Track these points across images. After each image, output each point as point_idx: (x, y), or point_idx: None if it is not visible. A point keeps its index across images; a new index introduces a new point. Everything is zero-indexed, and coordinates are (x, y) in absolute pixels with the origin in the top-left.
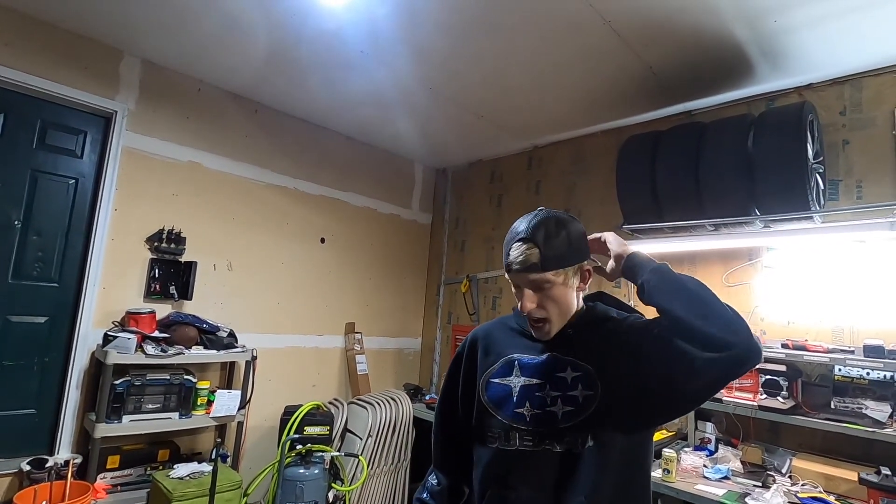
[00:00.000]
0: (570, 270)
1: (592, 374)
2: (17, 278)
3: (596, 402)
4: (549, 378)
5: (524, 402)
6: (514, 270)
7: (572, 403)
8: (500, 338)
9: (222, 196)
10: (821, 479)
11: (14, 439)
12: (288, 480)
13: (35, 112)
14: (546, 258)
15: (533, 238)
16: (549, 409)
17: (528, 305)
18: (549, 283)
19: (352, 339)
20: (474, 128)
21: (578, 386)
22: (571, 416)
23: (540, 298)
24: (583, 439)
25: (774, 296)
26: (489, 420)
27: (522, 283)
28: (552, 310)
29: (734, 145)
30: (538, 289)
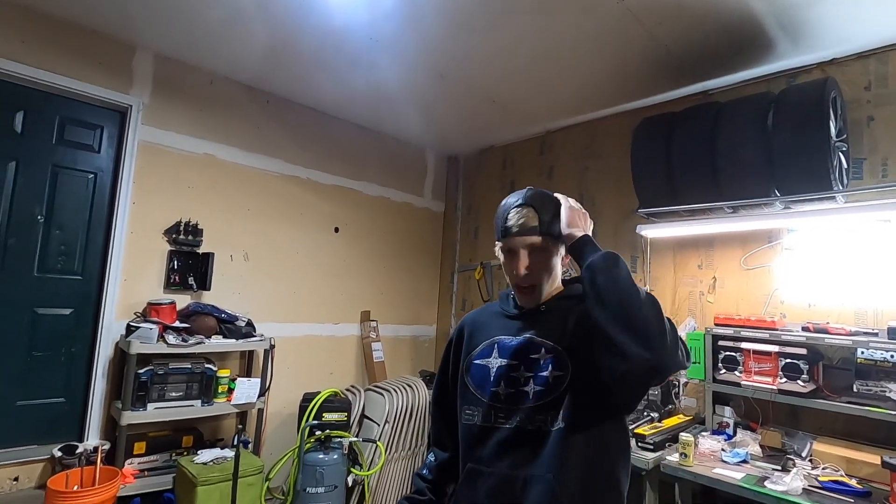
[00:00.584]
0: (560, 241)
1: (563, 357)
2: (42, 272)
3: (565, 383)
4: (523, 359)
5: (500, 382)
6: (512, 234)
7: (543, 384)
8: (485, 321)
9: (237, 187)
10: (842, 462)
11: (45, 427)
12: (308, 465)
13: (53, 108)
14: (543, 223)
15: (531, 203)
16: (521, 388)
17: (523, 269)
18: (544, 248)
19: (367, 326)
20: (485, 113)
21: (549, 367)
22: (541, 396)
23: (533, 263)
24: (552, 419)
25: (795, 278)
26: (470, 398)
27: (520, 246)
28: (543, 276)
29: (753, 124)
30: (533, 253)
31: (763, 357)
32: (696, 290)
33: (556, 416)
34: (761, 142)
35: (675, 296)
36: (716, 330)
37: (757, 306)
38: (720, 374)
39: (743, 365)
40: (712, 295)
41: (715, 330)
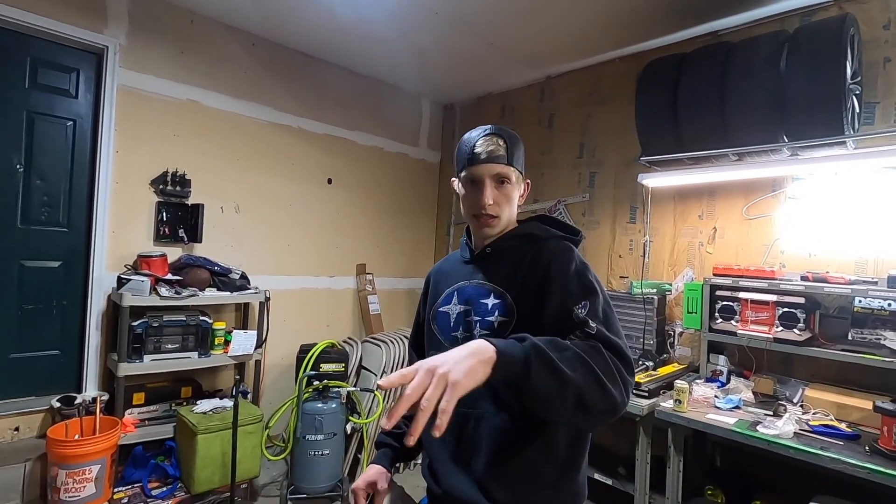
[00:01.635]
0: (521, 176)
1: (510, 303)
2: (26, 223)
3: (509, 329)
4: (475, 303)
5: (458, 327)
6: (480, 161)
7: (488, 328)
8: (448, 270)
9: (225, 136)
10: (833, 407)
11: (42, 379)
12: (307, 414)
13: (23, 49)
14: (511, 153)
15: (501, 133)
16: (472, 332)
17: (489, 199)
18: (508, 179)
19: (363, 280)
20: (484, 57)
21: (496, 312)
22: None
23: (496, 195)
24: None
25: (796, 228)
26: (437, 344)
27: (486, 174)
28: (504, 208)
29: (765, 65)
30: (498, 183)
31: (760, 306)
32: (695, 240)
33: None
34: (773, 84)
35: (675, 246)
36: (714, 280)
37: (757, 256)
38: (716, 323)
39: (740, 314)
40: (712, 245)
41: (713, 280)
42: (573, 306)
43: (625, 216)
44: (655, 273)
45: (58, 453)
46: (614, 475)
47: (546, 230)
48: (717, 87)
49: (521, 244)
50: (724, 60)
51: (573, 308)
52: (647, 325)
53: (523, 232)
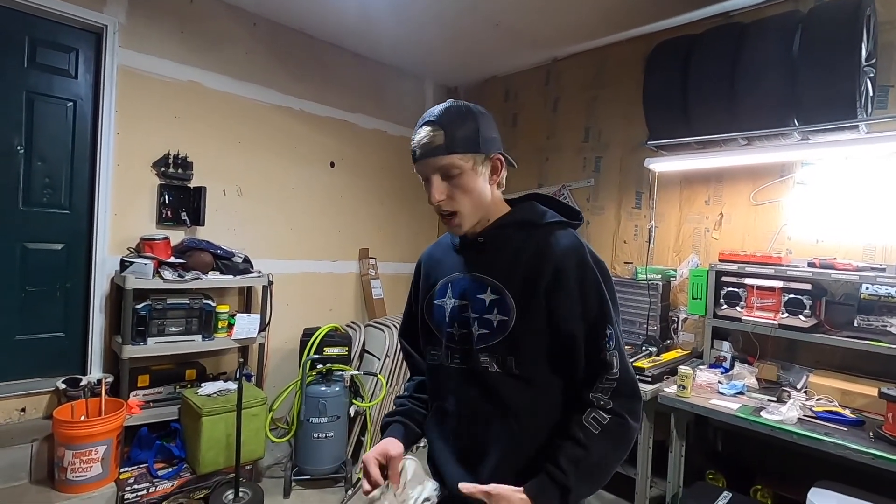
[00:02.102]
0: (479, 157)
1: (509, 301)
2: (28, 205)
3: (509, 329)
4: (471, 298)
5: (454, 323)
6: (418, 158)
7: (487, 326)
8: (439, 258)
9: (226, 118)
10: (837, 394)
11: (47, 360)
12: (311, 397)
13: (21, 28)
14: (452, 139)
15: (438, 121)
16: (469, 329)
17: (437, 195)
18: (456, 168)
19: (366, 264)
20: (488, 39)
21: (494, 310)
22: (485, 339)
23: (448, 189)
24: (496, 362)
25: (804, 214)
26: (433, 339)
27: (429, 171)
28: (462, 201)
29: (777, 47)
30: (445, 176)
31: (766, 293)
32: (701, 226)
33: (500, 361)
34: (786, 66)
35: (680, 232)
36: (720, 266)
37: (763, 242)
38: (721, 309)
39: (745, 300)
40: (718, 231)
41: (719, 266)
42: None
43: (630, 201)
44: (660, 259)
45: (64, 434)
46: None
47: (543, 214)
48: (728, 70)
49: (515, 232)
50: (735, 42)
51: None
52: (651, 310)
53: (518, 219)
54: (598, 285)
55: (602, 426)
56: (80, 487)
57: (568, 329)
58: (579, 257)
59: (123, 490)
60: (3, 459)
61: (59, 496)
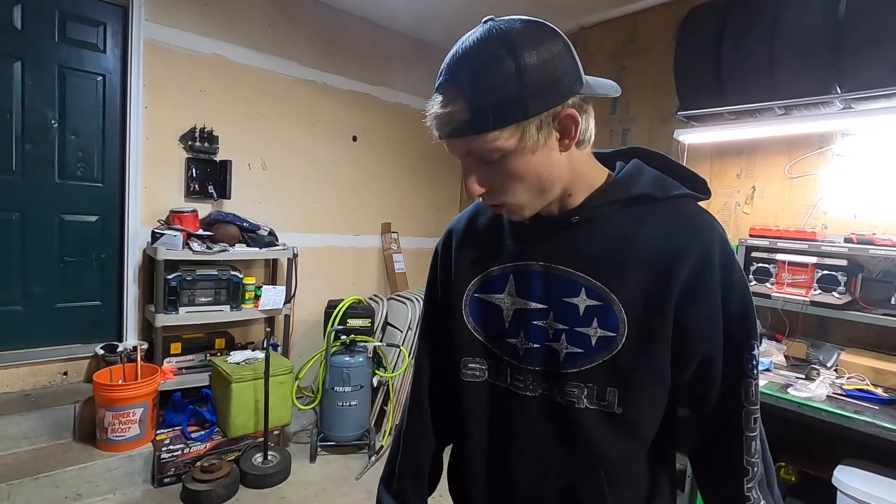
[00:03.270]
0: (531, 125)
1: (617, 310)
2: (63, 178)
3: (617, 349)
4: (554, 302)
5: (518, 332)
6: (441, 139)
7: (581, 344)
8: (483, 232)
9: (250, 91)
10: (869, 372)
11: (87, 328)
12: (335, 367)
13: (51, 2)
14: (478, 111)
15: (454, 81)
16: (549, 343)
17: (474, 188)
18: (496, 151)
19: (388, 238)
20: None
21: (594, 321)
22: (576, 360)
23: (489, 175)
24: (590, 394)
25: (842, 188)
26: (476, 348)
27: (456, 153)
28: (515, 191)
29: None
30: (482, 161)
31: (799, 269)
32: (731, 200)
33: (604, 392)
34: (830, 27)
35: (709, 207)
36: (750, 241)
37: (797, 217)
38: (750, 285)
39: (776, 277)
40: (749, 206)
41: (749, 241)
42: (741, 362)
43: None
44: None
45: (104, 396)
46: None
47: (665, 185)
48: (767, 34)
49: (625, 209)
50: (775, 4)
51: (744, 366)
52: None
53: (631, 193)
54: (744, 289)
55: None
56: (119, 446)
57: (706, 350)
58: (724, 249)
59: (160, 450)
60: (49, 419)
61: (101, 454)
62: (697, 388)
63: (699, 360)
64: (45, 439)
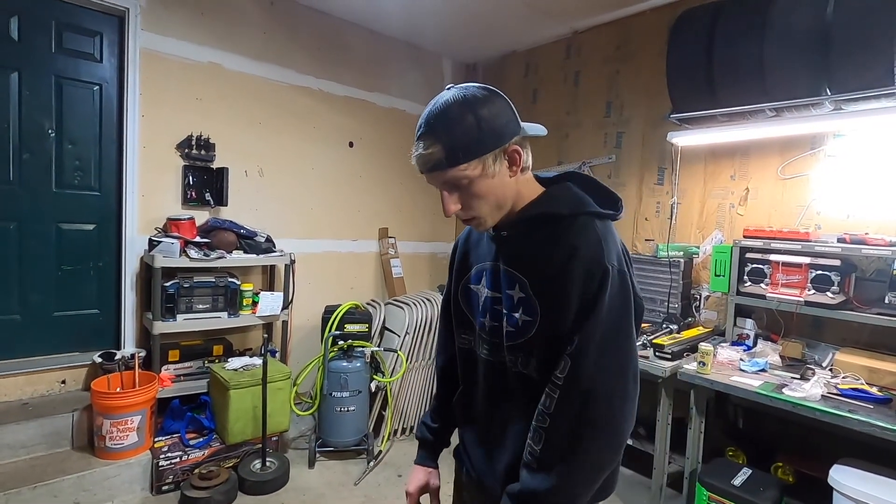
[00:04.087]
0: (489, 158)
1: (533, 301)
2: (60, 187)
3: (534, 329)
4: (503, 293)
5: (486, 313)
6: (422, 173)
7: (514, 325)
8: (475, 242)
9: (246, 99)
10: (864, 371)
11: (84, 336)
12: (333, 372)
13: (47, 13)
14: (451, 150)
15: (432, 131)
16: (500, 323)
17: (451, 208)
18: (464, 178)
19: (386, 243)
20: (507, 12)
21: (520, 309)
22: (513, 337)
23: (462, 197)
24: (522, 361)
25: (834, 188)
26: (466, 324)
27: (436, 184)
28: (480, 207)
29: (811, 10)
30: (455, 188)
31: (792, 269)
32: (725, 201)
33: (528, 361)
34: (818, 31)
35: (704, 208)
36: (744, 242)
37: (791, 218)
38: (745, 286)
39: (770, 277)
40: (743, 207)
41: (743, 242)
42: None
43: (652, 177)
44: (683, 236)
45: (102, 404)
46: (634, 435)
47: (576, 205)
48: (757, 38)
49: (540, 225)
50: (765, 8)
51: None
52: (673, 288)
53: (543, 211)
54: (601, 289)
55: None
56: (118, 454)
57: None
58: (594, 255)
59: (158, 458)
60: (47, 427)
61: (99, 462)
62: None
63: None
64: (44, 448)
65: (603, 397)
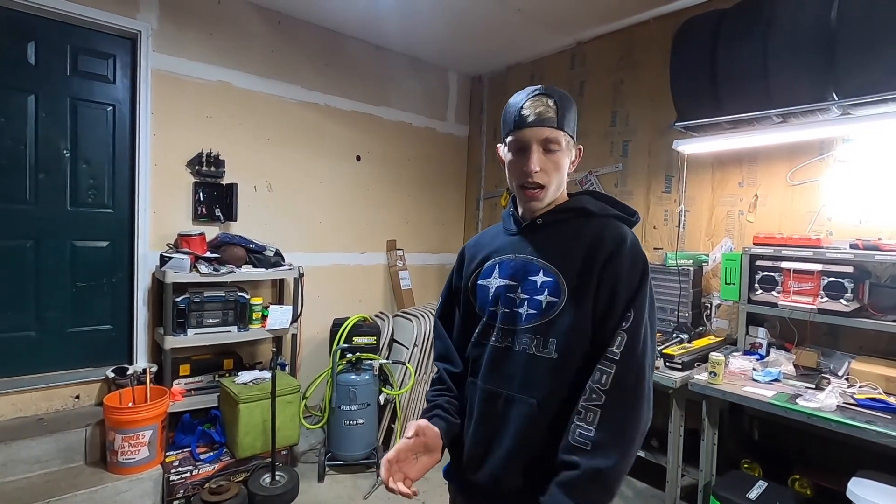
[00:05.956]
0: (572, 140)
1: (561, 283)
2: (75, 206)
3: (558, 309)
4: (521, 280)
5: (497, 302)
6: (527, 124)
7: (536, 307)
8: (486, 243)
9: (255, 116)
10: (881, 380)
11: (98, 351)
12: (341, 385)
13: (63, 38)
14: (563, 115)
15: (552, 95)
16: (515, 309)
17: (536, 166)
18: (558, 144)
19: (394, 255)
20: (511, 24)
21: (545, 291)
22: (532, 319)
23: (544, 162)
24: (540, 343)
25: (845, 194)
26: (475, 319)
27: (534, 139)
28: (553, 176)
29: (814, 14)
30: (546, 149)
31: (804, 276)
32: (734, 209)
33: (546, 342)
34: (822, 36)
35: (713, 216)
36: (755, 250)
37: (801, 224)
38: (756, 294)
39: (781, 285)
40: (752, 214)
41: (754, 250)
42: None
43: (659, 186)
44: (692, 244)
45: (114, 419)
46: (646, 447)
47: (602, 207)
48: (760, 44)
49: (574, 218)
50: (767, 14)
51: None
52: (682, 297)
53: (578, 206)
54: (644, 275)
55: (592, 443)
56: (129, 469)
57: (611, 289)
58: (634, 246)
59: (169, 472)
60: (60, 443)
61: (112, 477)
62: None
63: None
64: (58, 463)
65: (648, 371)
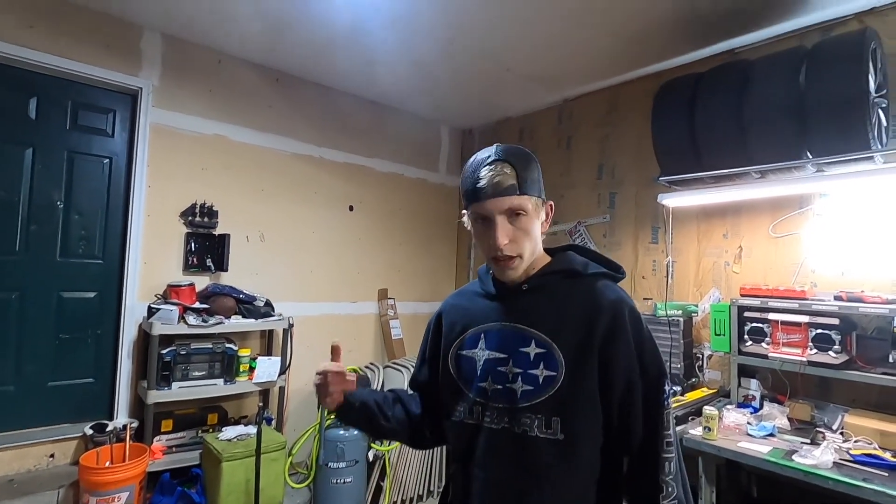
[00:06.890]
0: (539, 202)
1: (557, 355)
2: (65, 256)
3: (557, 386)
4: (512, 352)
5: (486, 377)
6: (485, 196)
7: (532, 382)
8: (466, 306)
9: (250, 168)
10: (875, 435)
11: (77, 406)
12: (329, 441)
13: (65, 94)
14: (523, 180)
15: (508, 159)
16: (509, 385)
17: (503, 239)
18: (524, 210)
19: (385, 304)
20: (500, 82)
21: (540, 364)
22: (529, 396)
23: (511, 232)
24: (539, 423)
25: (826, 246)
26: (458, 394)
27: (496, 210)
28: (524, 244)
29: (784, 81)
30: (511, 218)
31: (792, 328)
32: (720, 260)
33: (549, 422)
34: (793, 100)
35: (699, 267)
36: (742, 301)
37: (786, 276)
38: (746, 346)
39: (770, 336)
40: (738, 265)
41: (741, 301)
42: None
43: (647, 236)
44: (680, 294)
45: (89, 480)
46: None
47: (586, 264)
48: (735, 105)
49: (561, 281)
50: (741, 77)
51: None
52: (674, 348)
53: (563, 267)
54: (652, 340)
55: None
56: None
57: (627, 380)
58: (631, 310)
59: None
60: None
61: None
62: (624, 417)
63: (623, 387)
64: None
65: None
